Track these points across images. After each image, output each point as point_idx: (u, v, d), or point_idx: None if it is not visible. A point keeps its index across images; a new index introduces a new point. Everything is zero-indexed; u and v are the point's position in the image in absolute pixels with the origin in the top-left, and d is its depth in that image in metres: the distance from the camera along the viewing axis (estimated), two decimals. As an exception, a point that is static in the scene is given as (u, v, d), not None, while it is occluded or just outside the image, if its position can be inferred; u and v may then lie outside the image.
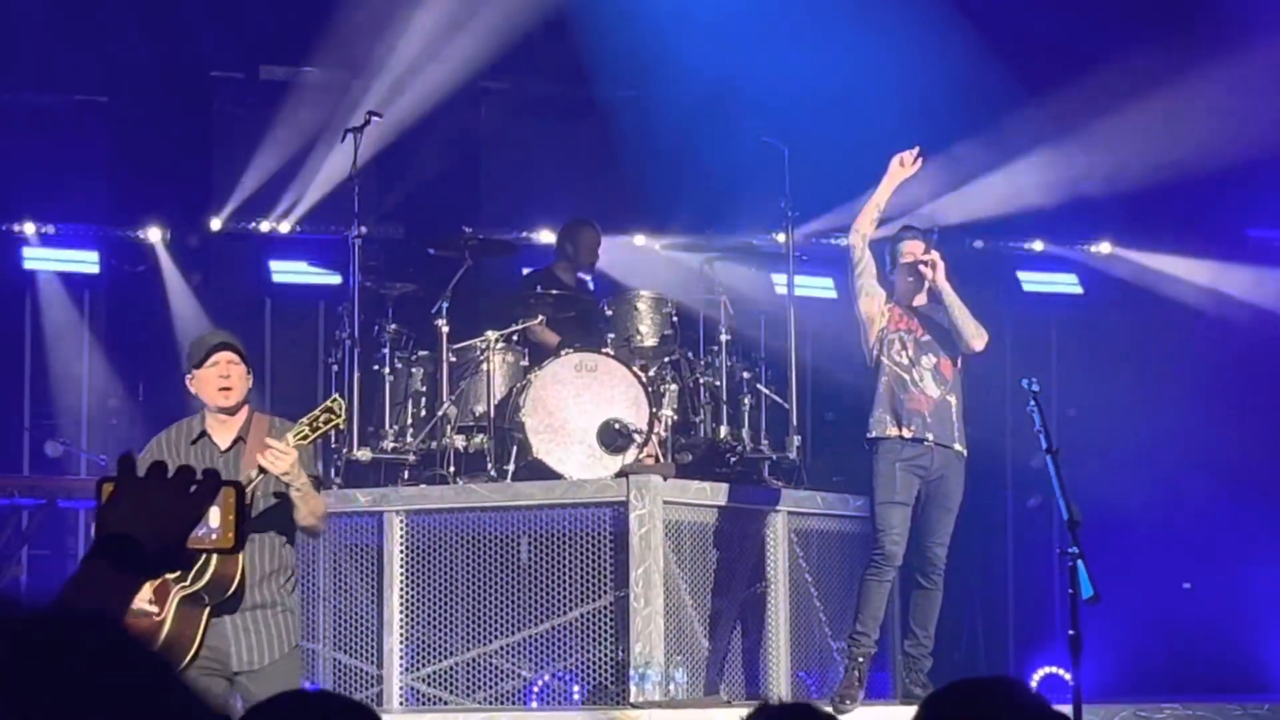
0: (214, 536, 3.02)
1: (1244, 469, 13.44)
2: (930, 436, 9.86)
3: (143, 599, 7.43)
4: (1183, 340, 13.75)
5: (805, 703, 4.10)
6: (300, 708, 2.81)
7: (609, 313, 11.17)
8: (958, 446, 9.95)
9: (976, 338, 9.93)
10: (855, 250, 9.98)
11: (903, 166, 9.98)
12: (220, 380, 7.82)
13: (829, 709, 9.59)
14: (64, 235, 13.40)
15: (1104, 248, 14.46)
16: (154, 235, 13.42)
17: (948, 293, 9.90)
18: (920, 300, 10.01)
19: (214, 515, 2.98)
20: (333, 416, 7.79)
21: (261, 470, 7.52)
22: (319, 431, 7.75)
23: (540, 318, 11.43)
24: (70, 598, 2.80)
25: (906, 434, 9.84)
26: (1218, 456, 13.35)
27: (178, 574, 7.29)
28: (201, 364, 7.84)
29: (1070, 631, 8.41)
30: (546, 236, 13.48)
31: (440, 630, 10.36)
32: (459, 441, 10.84)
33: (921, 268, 9.90)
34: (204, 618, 7.57)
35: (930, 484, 9.88)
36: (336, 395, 8.02)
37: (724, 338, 11.31)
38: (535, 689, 10.31)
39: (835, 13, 12.38)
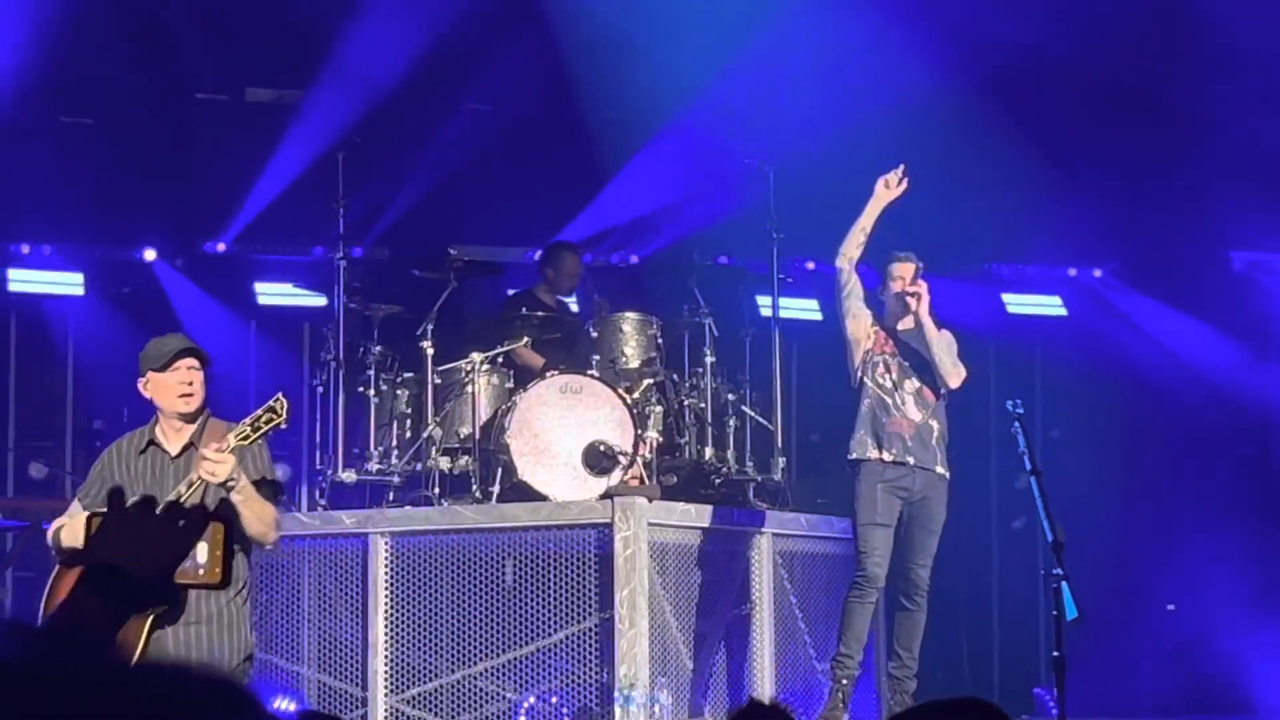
0: (201, 571, 3.03)
1: (1227, 491, 13.47)
2: (911, 460, 9.88)
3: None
4: (1165, 364, 13.77)
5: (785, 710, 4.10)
6: None
7: (594, 334, 11.18)
8: (939, 469, 9.97)
9: (953, 375, 9.96)
10: (842, 274, 10.00)
11: (888, 188, 9.99)
12: (182, 387, 7.60)
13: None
14: (48, 257, 13.38)
15: (1092, 272, 14.50)
16: (146, 256, 13.43)
17: (929, 327, 9.92)
18: (907, 324, 10.03)
19: (201, 550, 3.00)
20: (274, 416, 7.59)
21: (192, 483, 7.24)
22: (260, 431, 7.57)
23: (525, 339, 11.45)
24: (56, 624, 2.81)
25: (887, 457, 9.86)
26: (1201, 478, 13.38)
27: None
28: (163, 369, 7.65)
29: (1055, 653, 8.43)
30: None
31: (425, 652, 10.36)
32: (444, 463, 10.84)
33: (908, 298, 9.92)
34: (145, 629, 7.12)
35: (913, 505, 9.89)
36: (280, 395, 7.78)
37: (709, 359, 11.33)
38: (520, 711, 10.30)
39: (821, 33, 12.41)
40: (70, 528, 7.62)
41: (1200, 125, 12.96)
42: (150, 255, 13.50)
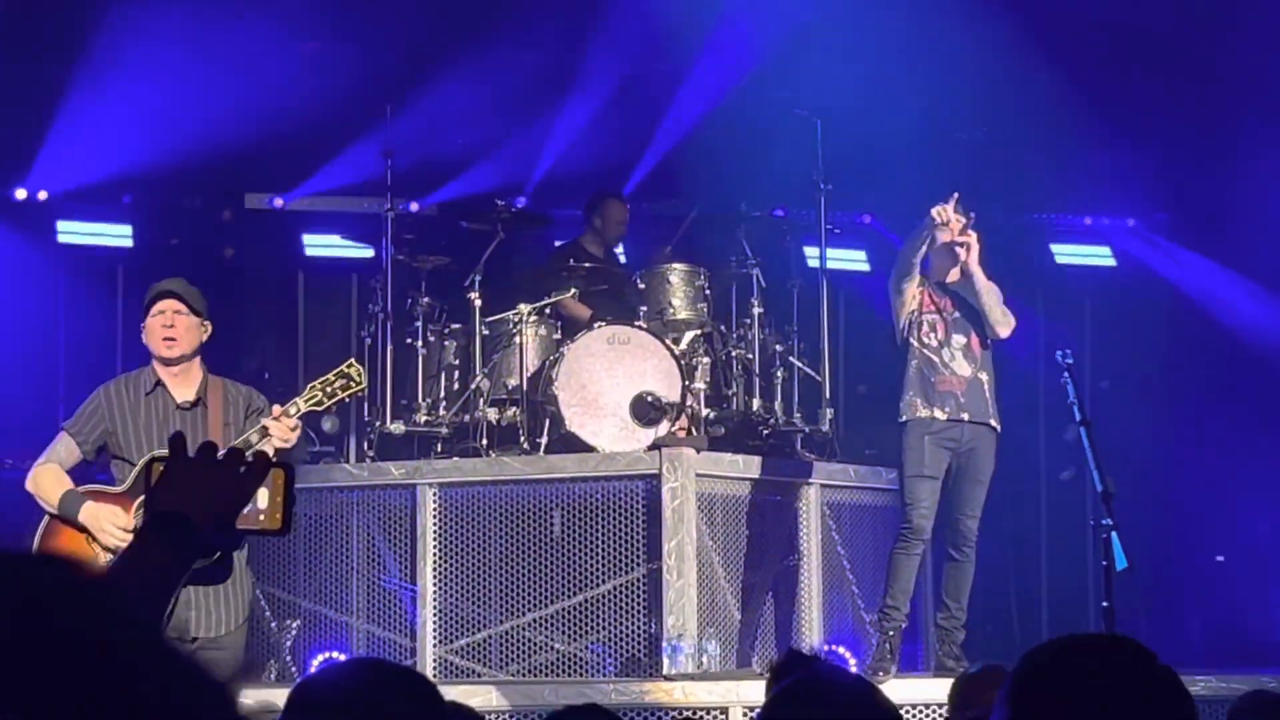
0: (262, 517, 3.04)
1: (1275, 441, 13.40)
2: (966, 416, 9.82)
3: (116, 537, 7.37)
4: (1216, 316, 13.70)
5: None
6: (360, 676, 2.85)
7: (641, 285, 11.17)
8: (993, 422, 9.92)
9: (1003, 325, 9.90)
10: (897, 299, 9.87)
11: (944, 223, 9.63)
12: (163, 330, 7.57)
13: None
14: (98, 208, 13.39)
15: (1136, 222, 14.42)
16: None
17: (979, 277, 9.84)
18: (954, 277, 9.97)
19: (263, 496, 3.01)
20: (351, 384, 7.56)
21: (265, 433, 7.30)
22: (334, 399, 7.55)
23: (573, 291, 11.45)
24: (121, 573, 2.83)
25: (940, 416, 9.80)
26: (1252, 431, 13.31)
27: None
28: (146, 313, 7.64)
29: (1104, 603, 8.42)
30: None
31: (473, 603, 10.39)
32: (492, 414, 10.86)
33: (957, 248, 9.84)
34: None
35: (961, 457, 9.86)
36: (353, 360, 7.72)
37: (756, 310, 11.32)
38: (568, 661, 10.33)
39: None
40: (55, 475, 7.62)
41: (1248, 81, 12.87)
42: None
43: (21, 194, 12.90)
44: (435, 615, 10.38)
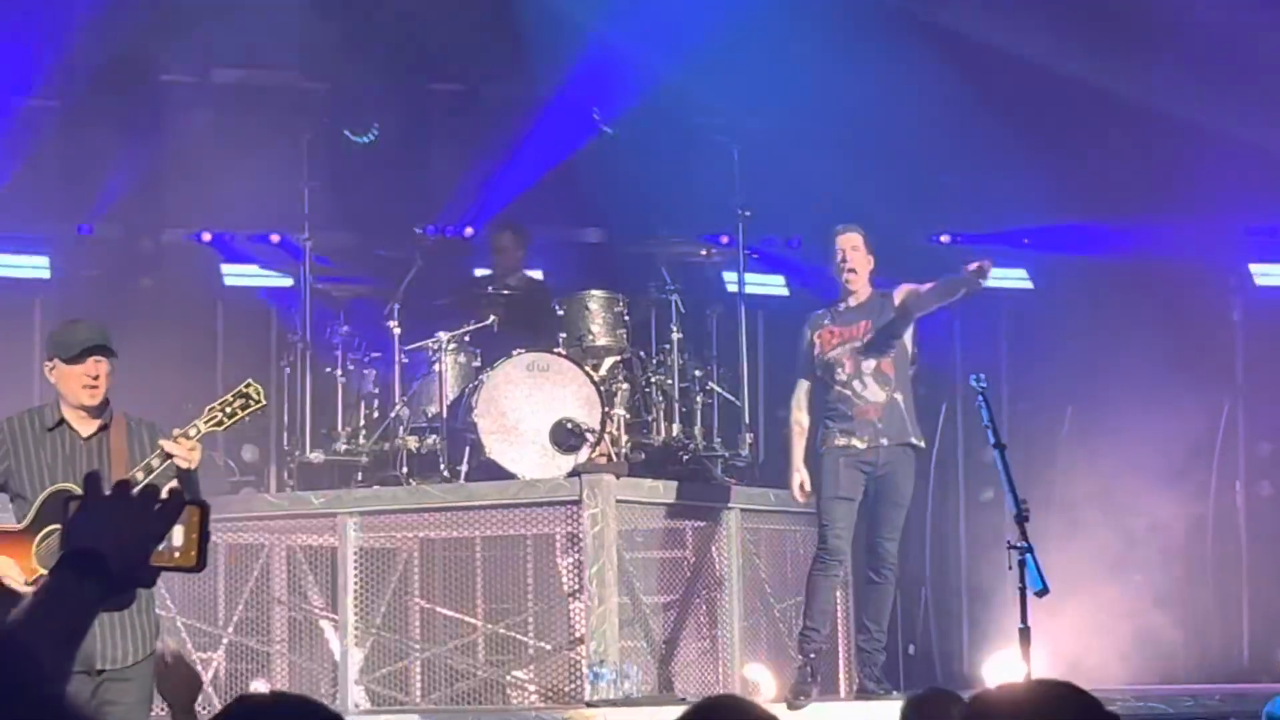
0: (177, 554, 3.06)
1: (1195, 458, 13.53)
2: (885, 441, 9.88)
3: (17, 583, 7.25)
4: (1132, 330, 13.80)
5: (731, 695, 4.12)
6: (275, 712, 2.85)
7: (560, 312, 11.20)
8: (913, 440, 9.98)
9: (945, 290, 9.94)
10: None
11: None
12: (88, 380, 7.54)
13: (783, 703, 9.66)
14: (14, 239, 13.32)
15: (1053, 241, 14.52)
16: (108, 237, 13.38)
17: (921, 300, 9.91)
18: (859, 298, 10.03)
19: (177, 533, 3.02)
20: (250, 402, 7.54)
21: (166, 456, 7.22)
22: (235, 419, 7.53)
23: (492, 318, 11.46)
24: (36, 609, 2.84)
25: (859, 444, 9.86)
26: (1168, 443, 13.42)
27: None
28: (71, 360, 7.57)
29: (1021, 625, 8.47)
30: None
31: (395, 631, 10.39)
32: (412, 443, 10.87)
33: (845, 267, 9.95)
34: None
35: (878, 480, 9.92)
36: (251, 380, 7.69)
37: (676, 336, 11.35)
38: (491, 689, 10.33)
39: (787, 14, 12.42)
40: None
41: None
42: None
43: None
44: (357, 644, 10.36)
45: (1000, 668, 10.57)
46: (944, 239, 14.06)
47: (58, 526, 6.74)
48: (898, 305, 9.95)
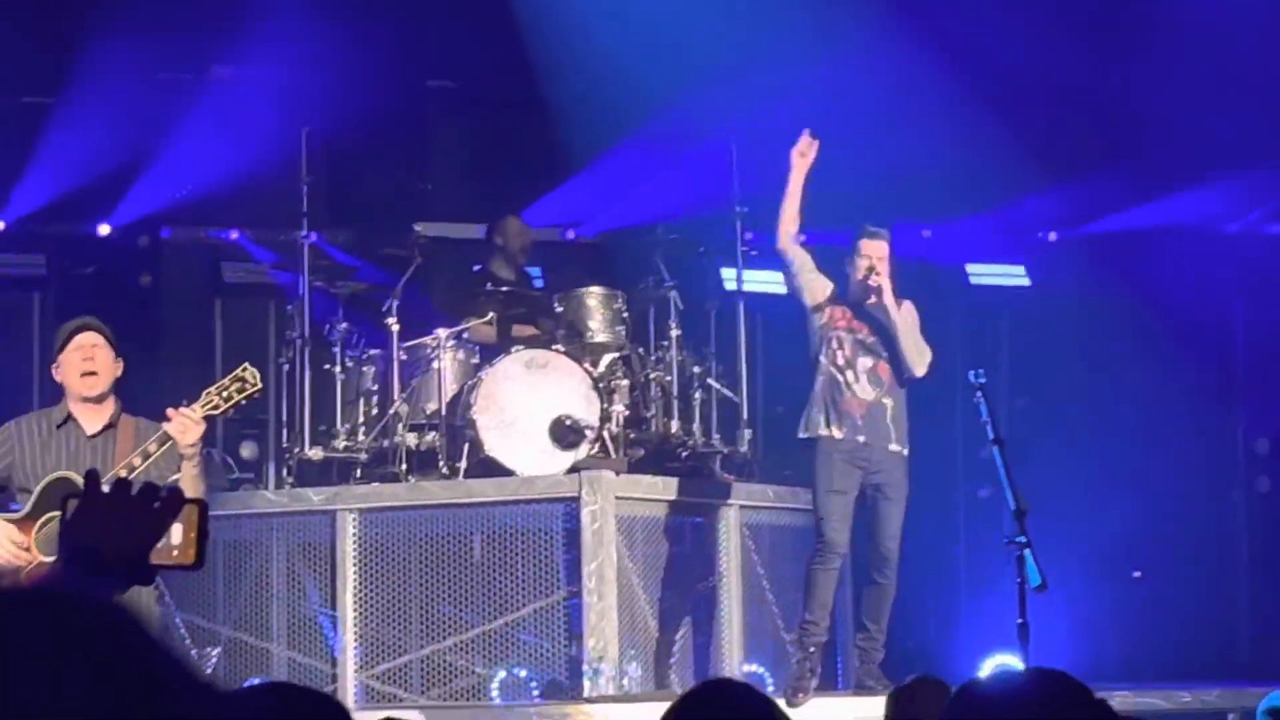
0: (175, 552, 3.06)
1: (1194, 455, 13.54)
2: (861, 439, 9.91)
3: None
4: (1132, 328, 13.82)
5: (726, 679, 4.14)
6: (273, 697, 2.87)
7: (559, 308, 11.20)
8: (894, 447, 9.99)
9: (919, 363, 10.00)
10: (786, 252, 10.06)
11: (803, 156, 10.00)
12: (83, 364, 7.51)
13: (781, 700, 9.66)
14: (11, 236, 13.31)
15: (1050, 236, 14.52)
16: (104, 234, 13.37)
17: (892, 312, 9.93)
18: (872, 301, 10.05)
19: (176, 531, 3.03)
20: (246, 385, 7.49)
21: (150, 453, 7.23)
22: (233, 402, 7.51)
23: (490, 315, 11.45)
24: None
25: (838, 434, 9.88)
26: (1168, 441, 13.44)
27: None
28: (63, 349, 7.58)
29: (1019, 620, 8.49)
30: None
31: (394, 628, 10.39)
32: (411, 439, 10.86)
33: (870, 287, 9.93)
34: None
35: (874, 478, 9.93)
36: (247, 364, 7.66)
37: (674, 333, 11.35)
38: (489, 686, 10.33)
39: (787, 8, 12.42)
40: None
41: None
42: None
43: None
44: (356, 641, 10.37)
45: (999, 664, 10.56)
46: (925, 234, 14.05)
47: (57, 513, 6.74)
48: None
